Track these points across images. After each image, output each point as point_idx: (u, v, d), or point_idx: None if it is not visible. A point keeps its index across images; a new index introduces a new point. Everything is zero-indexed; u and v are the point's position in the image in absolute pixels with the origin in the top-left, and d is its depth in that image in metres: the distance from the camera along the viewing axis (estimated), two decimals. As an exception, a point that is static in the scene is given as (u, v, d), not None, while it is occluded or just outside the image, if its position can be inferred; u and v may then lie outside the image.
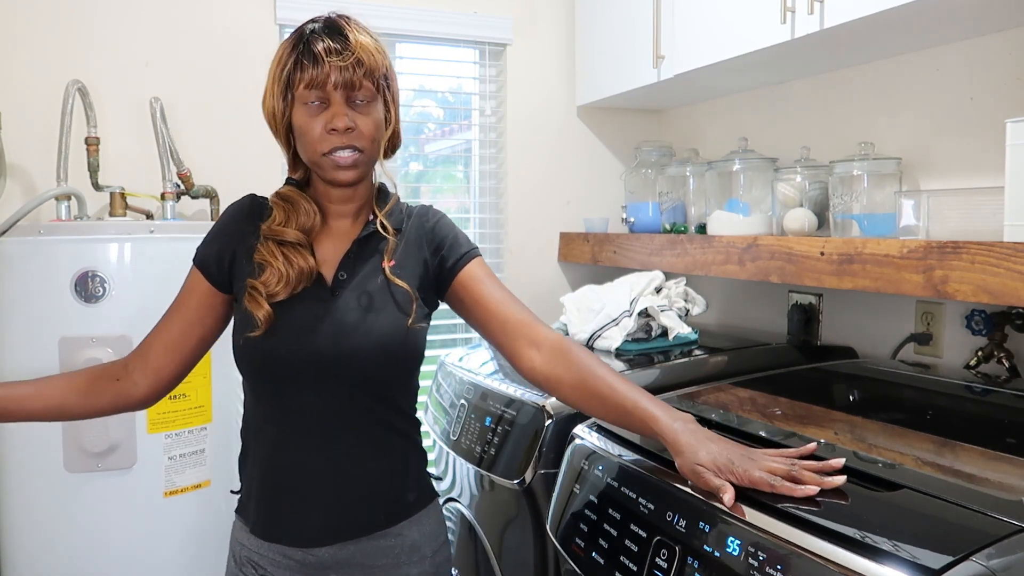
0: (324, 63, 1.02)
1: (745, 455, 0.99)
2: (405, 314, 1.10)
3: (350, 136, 1.04)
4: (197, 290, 1.13)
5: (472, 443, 1.63)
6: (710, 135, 2.41)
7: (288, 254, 1.07)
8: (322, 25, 1.06)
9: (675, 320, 1.89)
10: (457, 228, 1.20)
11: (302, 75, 1.03)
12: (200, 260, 1.13)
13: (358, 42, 1.04)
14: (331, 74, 1.02)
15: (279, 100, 1.07)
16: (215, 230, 1.15)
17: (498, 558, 1.62)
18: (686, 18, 1.95)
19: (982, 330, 1.63)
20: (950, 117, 1.68)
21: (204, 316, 1.14)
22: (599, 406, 1.10)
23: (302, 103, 1.05)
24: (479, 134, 2.53)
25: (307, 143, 1.06)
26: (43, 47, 1.96)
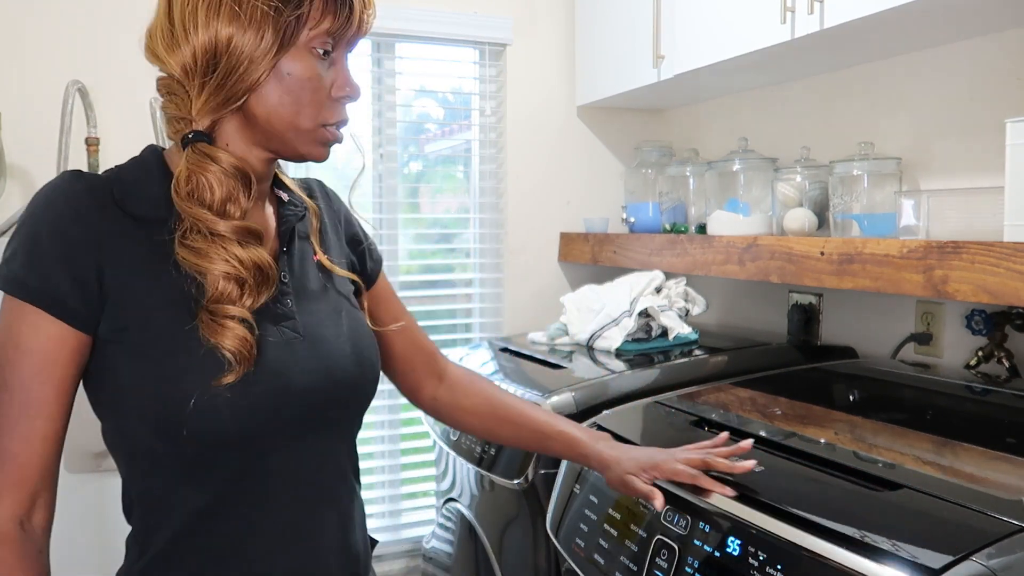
0: (356, 10, 0.78)
1: (666, 453, 1.01)
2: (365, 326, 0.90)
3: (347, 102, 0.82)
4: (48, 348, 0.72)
5: (472, 443, 1.63)
6: (710, 135, 2.41)
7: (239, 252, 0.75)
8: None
9: (675, 320, 1.89)
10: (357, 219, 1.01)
11: (329, 15, 0.77)
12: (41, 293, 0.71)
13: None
14: (361, 26, 0.80)
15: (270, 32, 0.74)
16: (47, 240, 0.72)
17: (498, 558, 1.62)
18: (686, 18, 1.95)
19: (982, 330, 1.63)
20: (950, 117, 1.68)
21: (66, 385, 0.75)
22: (512, 433, 1.06)
23: (309, 49, 0.77)
24: (479, 134, 2.52)
25: (309, 103, 0.78)
26: (43, 47, 1.96)
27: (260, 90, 0.76)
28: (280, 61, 0.76)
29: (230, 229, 0.75)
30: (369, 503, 2.40)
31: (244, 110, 0.77)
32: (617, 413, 1.44)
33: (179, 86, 0.76)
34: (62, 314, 0.72)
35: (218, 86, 0.75)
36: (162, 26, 0.76)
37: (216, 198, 0.75)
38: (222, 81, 0.75)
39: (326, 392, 0.82)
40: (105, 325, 0.74)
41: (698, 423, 1.33)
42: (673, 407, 1.43)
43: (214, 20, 0.73)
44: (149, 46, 0.78)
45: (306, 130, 0.79)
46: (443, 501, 1.94)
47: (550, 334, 1.97)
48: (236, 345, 0.73)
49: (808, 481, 1.07)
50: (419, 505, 2.47)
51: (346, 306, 0.88)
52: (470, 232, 2.54)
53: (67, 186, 0.76)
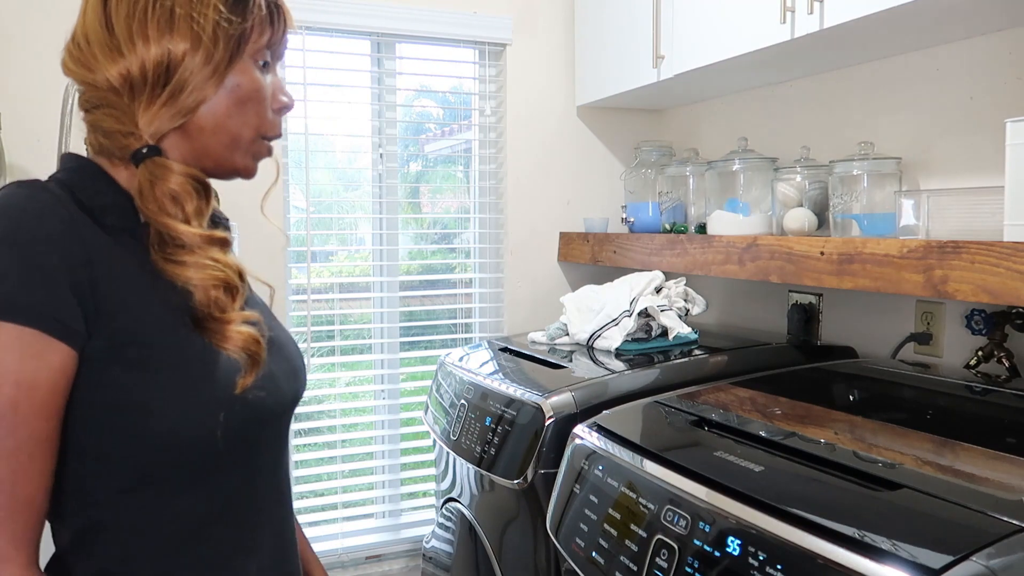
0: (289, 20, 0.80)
1: None
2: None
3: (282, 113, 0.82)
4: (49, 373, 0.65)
5: (472, 443, 1.63)
6: (710, 135, 2.41)
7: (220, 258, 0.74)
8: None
9: (675, 320, 1.89)
10: None
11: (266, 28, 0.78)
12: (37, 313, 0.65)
13: None
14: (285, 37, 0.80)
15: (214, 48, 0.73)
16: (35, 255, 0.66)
17: (498, 558, 1.62)
18: (686, 18, 1.95)
19: (982, 330, 1.63)
20: (950, 117, 1.68)
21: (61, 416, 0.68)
22: None
23: (256, 59, 0.77)
24: (479, 134, 2.52)
25: (253, 115, 0.78)
26: (43, 47, 1.96)
27: (208, 103, 0.75)
28: (232, 74, 0.75)
29: (207, 239, 0.73)
30: (369, 503, 2.41)
31: (186, 123, 0.75)
32: (617, 413, 1.44)
33: (117, 98, 0.73)
34: (67, 337, 0.66)
35: (169, 101, 0.73)
36: (98, 36, 0.74)
37: (188, 210, 0.73)
38: (174, 96, 0.73)
39: (296, 393, 0.84)
40: (97, 342, 0.68)
41: (698, 423, 1.33)
42: (673, 407, 1.43)
43: (166, 34, 0.72)
44: (78, 56, 0.75)
45: (246, 142, 0.79)
46: (443, 501, 1.94)
47: (550, 334, 1.97)
48: (248, 346, 0.73)
49: (808, 481, 1.07)
50: (419, 505, 2.47)
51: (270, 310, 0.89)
52: (470, 232, 2.54)
53: (40, 198, 0.69)
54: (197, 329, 0.72)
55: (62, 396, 0.67)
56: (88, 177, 0.75)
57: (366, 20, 2.25)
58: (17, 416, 0.64)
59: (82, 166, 0.76)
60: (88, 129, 0.77)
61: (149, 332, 0.71)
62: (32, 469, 0.65)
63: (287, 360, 0.83)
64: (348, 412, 2.54)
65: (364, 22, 2.25)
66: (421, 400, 2.37)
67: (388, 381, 2.41)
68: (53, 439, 0.67)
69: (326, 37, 2.26)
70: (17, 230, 0.66)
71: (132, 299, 0.71)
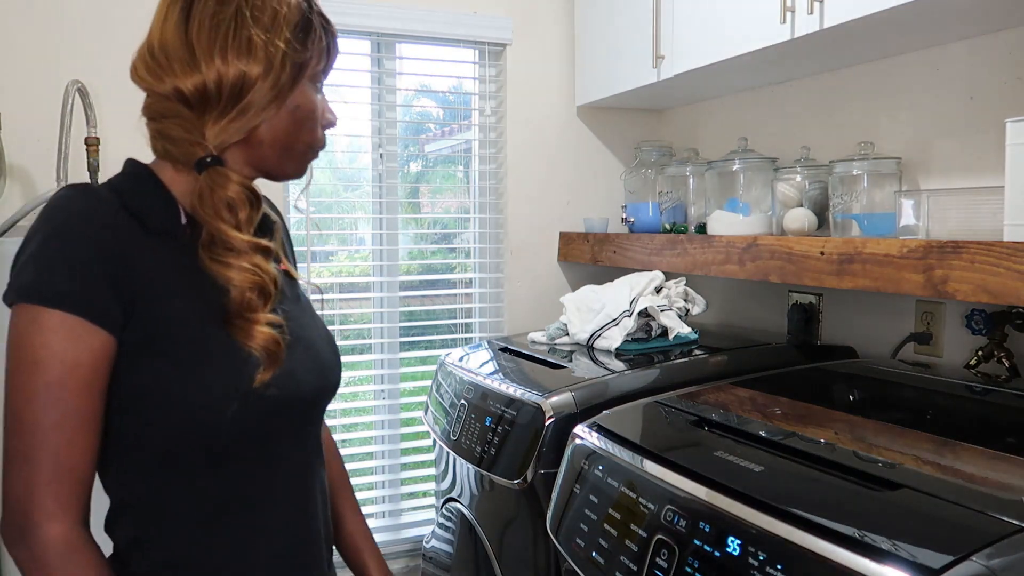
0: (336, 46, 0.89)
1: None
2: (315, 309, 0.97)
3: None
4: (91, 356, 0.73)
5: (472, 443, 1.63)
6: (710, 135, 2.41)
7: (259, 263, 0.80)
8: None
9: (675, 320, 1.89)
10: None
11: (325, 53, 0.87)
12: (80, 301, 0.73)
13: None
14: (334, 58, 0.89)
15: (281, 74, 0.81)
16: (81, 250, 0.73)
17: (498, 558, 1.62)
18: (686, 18, 1.95)
19: (982, 330, 1.63)
20: (950, 117, 1.68)
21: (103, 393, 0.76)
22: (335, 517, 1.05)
23: (312, 82, 0.86)
24: (479, 134, 2.52)
25: (309, 128, 0.86)
26: (43, 47, 1.96)
27: (270, 120, 0.83)
28: (296, 94, 0.83)
29: (253, 246, 0.80)
30: (369, 503, 2.40)
31: (248, 136, 0.83)
32: (617, 413, 1.44)
33: (186, 109, 0.80)
34: (106, 324, 0.74)
35: (238, 117, 0.80)
36: (177, 50, 0.80)
37: (241, 217, 0.80)
38: (242, 113, 0.80)
39: (321, 390, 0.90)
40: (133, 333, 0.75)
41: (698, 423, 1.33)
42: (673, 407, 1.43)
43: (243, 57, 0.79)
44: (152, 67, 0.82)
45: (299, 154, 0.87)
46: (443, 501, 1.94)
47: (550, 334, 1.97)
48: (269, 345, 0.79)
49: (808, 481, 1.07)
50: (419, 505, 2.47)
51: (313, 310, 0.96)
52: (470, 232, 2.54)
53: (88, 201, 0.77)
54: (226, 325, 0.78)
55: (103, 377, 0.75)
56: (138, 182, 0.82)
57: (366, 20, 2.25)
58: (63, 392, 0.72)
59: (136, 172, 0.84)
60: (153, 135, 0.84)
61: (177, 325, 0.77)
62: (77, 440, 0.73)
63: (313, 359, 0.88)
64: (348, 412, 2.54)
65: (364, 22, 2.25)
66: (421, 400, 2.37)
67: (388, 381, 2.41)
68: (96, 415, 0.75)
69: (326, 37, 2.26)
70: (63, 228, 0.74)
71: (164, 294, 0.77)
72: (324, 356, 0.91)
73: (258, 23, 0.80)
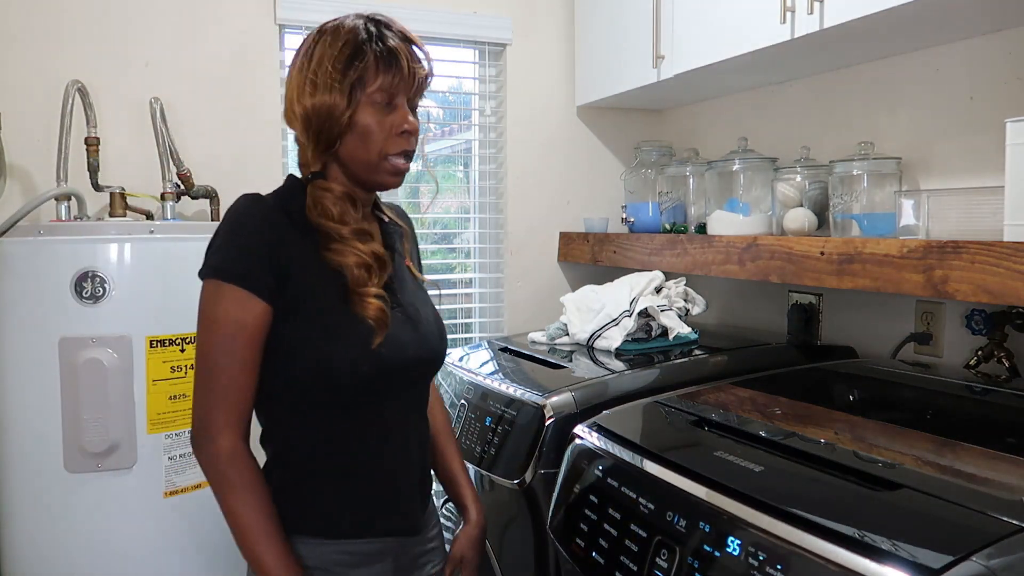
0: (405, 67, 1.04)
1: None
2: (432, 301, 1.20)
3: (413, 141, 1.07)
4: (258, 321, 0.99)
5: (472, 443, 1.63)
6: (710, 135, 2.41)
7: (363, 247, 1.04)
8: (385, 25, 1.07)
9: (675, 320, 1.89)
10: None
11: (380, 76, 1.02)
12: (250, 283, 0.98)
13: (427, 51, 1.11)
14: (412, 79, 1.05)
15: (340, 96, 1.00)
16: (249, 241, 1.00)
17: (498, 558, 1.62)
18: (686, 18, 1.95)
19: (982, 330, 1.63)
20: (950, 117, 1.68)
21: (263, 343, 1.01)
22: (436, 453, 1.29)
23: (371, 103, 1.02)
24: (479, 134, 2.52)
25: (371, 143, 1.03)
26: (43, 47, 1.96)
27: (344, 139, 1.03)
28: (353, 115, 1.02)
29: (350, 232, 1.04)
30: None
31: (338, 155, 1.05)
32: (617, 413, 1.44)
33: (300, 141, 1.07)
34: (264, 295, 0.99)
35: (317, 140, 1.04)
36: (291, 93, 1.06)
37: (336, 214, 1.04)
38: (318, 136, 1.03)
39: (423, 359, 1.12)
40: (283, 300, 1.00)
41: (698, 423, 1.33)
42: (673, 407, 1.43)
43: (308, 94, 1.02)
44: (287, 108, 1.07)
45: (374, 163, 1.05)
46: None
47: (550, 334, 1.97)
48: (377, 314, 1.02)
49: (808, 481, 1.07)
50: (419, 505, 2.47)
51: (429, 298, 1.19)
52: (470, 232, 2.54)
53: (254, 203, 1.03)
54: (346, 300, 1.02)
55: (261, 335, 1.00)
56: (289, 190, 1.08)
57: (366, 20, 2.25)
58: (233, 344, 0.99)
59: (290, 183, 1.10)
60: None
61: (312, 297, 1.02)
62: (241, 379, 1.00)
63: (418, 331, 1.11)
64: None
65: (364, 22, 2.25)
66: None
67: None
68: (255, 363, 1.01)
69: (326, 37, 2.26)
70: (236, 224, 1.01)
71: (305, 274, 1.02)
72: (429, 333, 1.13)
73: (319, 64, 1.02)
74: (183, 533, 1.71)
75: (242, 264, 0.99)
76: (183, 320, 1.71)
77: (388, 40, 1.04)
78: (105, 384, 1.61)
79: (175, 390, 1.69)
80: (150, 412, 1.65)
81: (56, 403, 1.60)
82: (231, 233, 1.01)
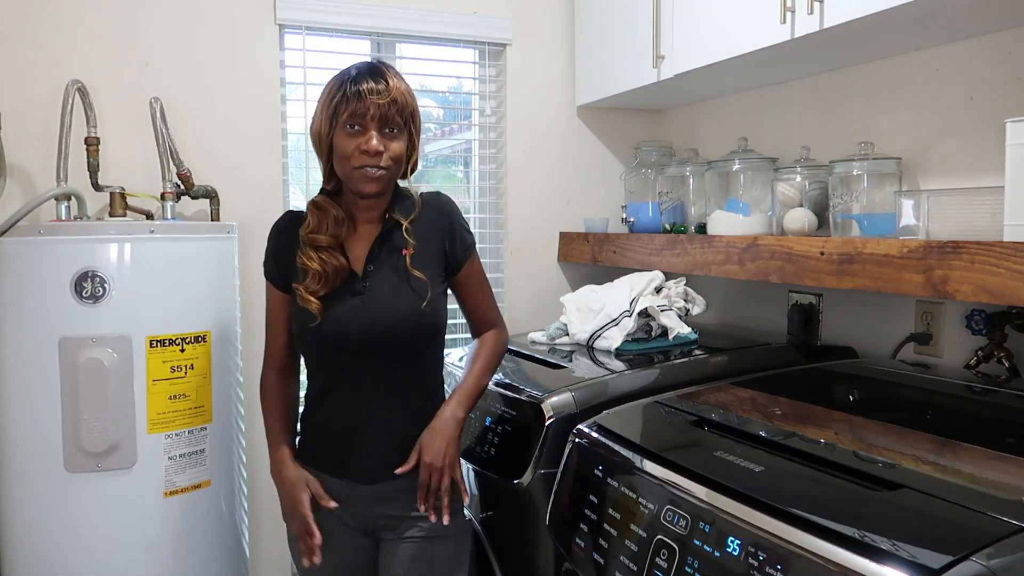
0: (366, 99, 1.27)
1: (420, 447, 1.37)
2: (420, 296, 1.36)
3: (377, 157, 1.29)
4: (279, 300, 1.43)
5: (472, 443, 1.63)
6: (710, 135, 2.41)
7: (323, 256, 1.34)
8: (366, 68, 1.31)
9: (675, 320, 1.89)
10: (463, 221, 1.46)
11: (347, 107, 1.27)
12: (269, 277, 1.44)
13: (396, 87, 1.30)
14: (370, 108, 1.27)
15: (325, 124, 1.31)
16: (269, 250, 1.44)
17: (498, 558, 1.62)
18: (686, 18, 1.95)
19: (982, 330, 1.63)
20: (950, 117, 1.68)
21: (287, 314, 1.43)
22: None
23: (343, 128, 1.29)
24: (479, 134, 2.52)
25: (342, 159, 1.30)
26: (43, 47, 1.96)
27: (333, 158, 1.33)
28: (334, 138, 1.31)
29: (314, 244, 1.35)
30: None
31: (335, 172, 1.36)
32: (617, 413, 1.44)
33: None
34: (279, 285, 1.42)
35: (319, 158, 1.39)
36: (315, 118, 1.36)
37: (312, 226, 1.36)
38: (318, 155, 1.38)
39: (369, 338, 1.34)
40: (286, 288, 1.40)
41: (698, 423, 1.33)
42: (673, 407, 1.44)
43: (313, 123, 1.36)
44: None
45: (348, 174, 1.32)
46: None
47: (550, 334, 1.97)
48: (314, 310, 1.33)
49: (808, 481, 1.07)
50: (419, 505, 2.47)
51: (415, 282, 1.36)
52: (470, 232, 2.53)
53: (279, 220, 1.46)
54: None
55: (286, 309, 1.43)
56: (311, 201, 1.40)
57: (366, 20, 2.25)
58: (271, 314, 1.46)
59: (313, 201, 1.39)
60: None
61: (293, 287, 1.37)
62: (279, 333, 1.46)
63: (365, 315, 1.34)
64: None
65: (364, 22, 2.25)
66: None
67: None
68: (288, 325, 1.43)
69: (326, 37, 2.27)
70: (269, 236, 1.45)
71: (294, 273, 1.37)
72: (377, 317, 1.34)
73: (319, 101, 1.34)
74: (183, 533, 1.71)
75: (267, 265, 1.44)
76: (183, 320, 1.71)
77: (362, 81, 1.28)
78: (105, 384, 1.61)
79: (175, 390, 1.69)
80: (150, 412, 1.65)
81: (56, 403, 1.60)
82: (267, 242, 1.45)
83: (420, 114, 1.38)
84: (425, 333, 1.38)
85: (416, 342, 1.38)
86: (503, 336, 1.51)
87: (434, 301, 1.37)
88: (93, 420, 1.60)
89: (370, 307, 1.34)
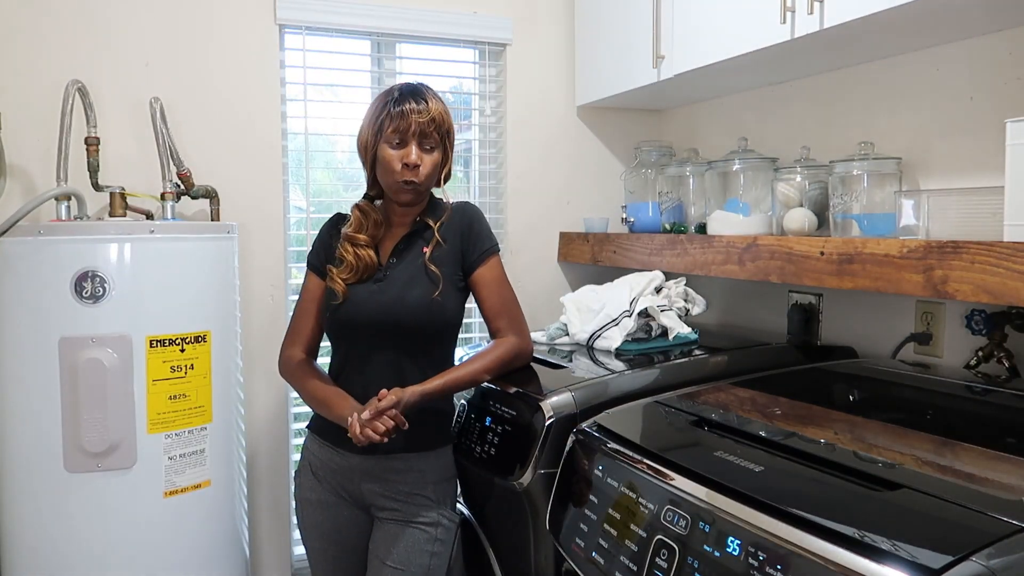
0: (408, 117, 1.47)
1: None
2: (433, 287, 1.50)
3: (415, 171, 1.48)
4: (315, 287, 1.60)
5: (472, 443, 1.63)
6: (710, 135, 2.41)
7: (359, 252, 1.54)
8: (408, 90, 1.51)
9: (675, 320, 1.89)
10: (483, 228, 1.61)
11: (391, 123, 1.47)
12: (311, 265, 1.63)
13: (435, 107, 1.49)
14: (412, 125, 1.47)
15: (371, 138, 1.50)
16: (316, 242, 1.64)
17: (498, 558, 1.62)
18: (686, 18, 1.95)
19: (982, 330, 1.63)
20: (950, 117, 1.68)
21: (321, 300, 1.59)
22: None
23: (387, 142, 1.49)
24: (479, 134, 2.52)
25: (386, 170, 1.50)
26: (43, 47, 1.96)
27: (376, 168, 1.53)
28: (379, 150, 1.50)
29: (353, 241, 1.55)
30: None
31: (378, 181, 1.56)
32: (617, 413, 1.44)
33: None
34: (319, 273, 1.60)
35: (363, 167, 1.59)
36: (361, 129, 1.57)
37: (352, 225, 1.57)
38: (363, 163, 1.58)
39: (380, 320, 1.50)
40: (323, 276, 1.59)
41: (698, 423, 1.33)
42: (673, 407, 1.44)
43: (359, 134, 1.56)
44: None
45: (390, 184, 1.52)
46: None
47: (550, 334, 1.97)
48: (340, 291, 1.52)
49: (808, 481, 1.07)
50: (419, 505, 2.47)
51: (431, 277, 1.52)
52: (470, 232, 2.53)
53: (329, 219, 1.66)
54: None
55: (320, 294, 1.59)
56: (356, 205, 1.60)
57: (366, 20, 2.25)
58: (303, 299, 1.62)
59: (357, 205, 1.60)
60: None
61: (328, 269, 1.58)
62: (307, 316, 1.61)
63: (380, 301, 1.50)
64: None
65: (364, 22, 2.25)
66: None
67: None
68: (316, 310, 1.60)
69: (326, 37, 2.27)
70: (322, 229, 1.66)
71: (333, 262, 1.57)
72: (391, 303, 1.49)
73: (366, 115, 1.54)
74: (183, 533, 1.71)
75: (311, 255, 1.65)
76: (183, 320, 1.71)
77: (404, 101, 1.48)
78: (105, 384, 1.61)
79: (175, 390, 1.69)
80: (150, 412, 1.65)
81: (56, 403, 1.60)
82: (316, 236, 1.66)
83: (455, 131, 1.56)
84: (433, 322, 1.51)
85: (424, 330, 1.51)
86: (516, 345, 1.59)
87: (445, 293, 1.51)
88: (93, 420, 1.60)
89: (385, 293, 1.51)
